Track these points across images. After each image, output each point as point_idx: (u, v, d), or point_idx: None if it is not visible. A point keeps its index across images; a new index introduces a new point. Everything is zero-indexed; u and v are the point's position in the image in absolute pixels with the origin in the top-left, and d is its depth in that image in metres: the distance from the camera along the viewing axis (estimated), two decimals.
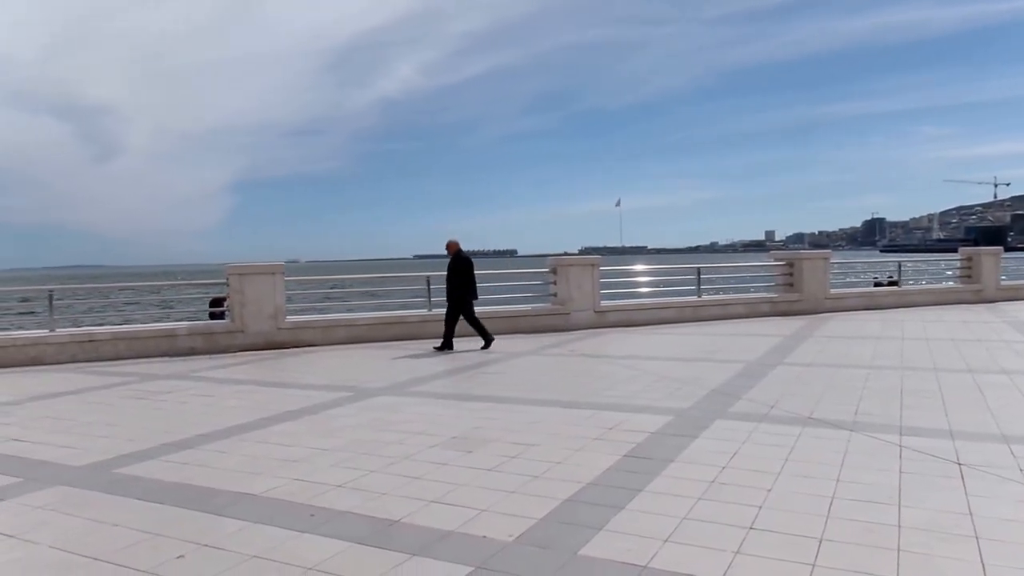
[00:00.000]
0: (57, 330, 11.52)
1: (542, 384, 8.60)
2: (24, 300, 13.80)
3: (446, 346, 11.78)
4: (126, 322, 14.33)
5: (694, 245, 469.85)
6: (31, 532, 4.27)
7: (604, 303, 14.68)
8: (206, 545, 4.00)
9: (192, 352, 11.87)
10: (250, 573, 3.64)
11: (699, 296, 15.87)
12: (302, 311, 13.45)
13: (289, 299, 12.90)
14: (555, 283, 14.50)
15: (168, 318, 14.47)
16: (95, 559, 3.86)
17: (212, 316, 15.11)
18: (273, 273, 12.57)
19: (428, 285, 14.06)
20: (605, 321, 14.42)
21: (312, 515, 4.40)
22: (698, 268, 16.47)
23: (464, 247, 12.13)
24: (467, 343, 11.88)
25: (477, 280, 11.94)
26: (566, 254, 21.21)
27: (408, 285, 16.92)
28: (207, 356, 11.68)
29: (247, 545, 3.97)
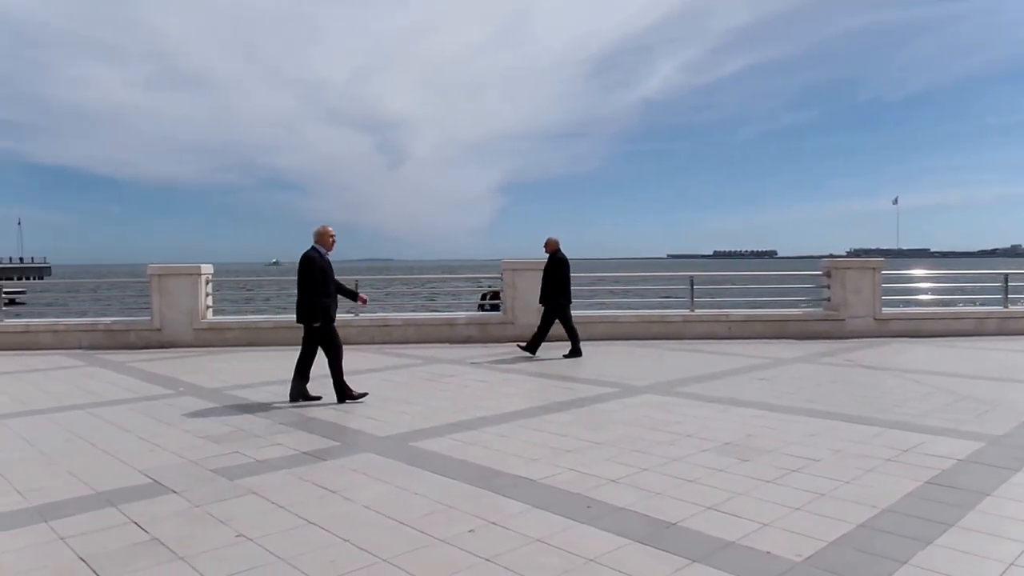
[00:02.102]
0: (360, 315, 13.00)
1: (818, 394, 8.05)
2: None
3: (531, 348, 11.23)
4: (413, 310, 15.74)
5: (990, 248, 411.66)
6: (349, 491, 4.85)
7: (885, 310, 13.39)
8: (493, 523, 4.26)
9: (468, 340, 12.77)
10: (534, 555, 3.81)
11: (1006, 307, 13.88)
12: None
13: None
14: (828, 287, 13.50)
15: (446, 308, 15.75)
16: (401, 523, 4.28)
17: (481, 308, 16.15)
18: (541, 270, 13.09)
19: (691, 285, 13.82)
20: (886, 330, 13.14)
21: (589, 507, 4.51)
22: (1005, 274, 14.42)
23: (720, 247, 12.00)
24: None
25: (740, 281, 11.39)
26: (832, 256, 19.69)
27: (668, 284, 16.80)
28: (481, 344, 12.48)
29: (529, 528, 4.17)
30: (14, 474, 5.28)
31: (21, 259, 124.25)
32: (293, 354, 8.07)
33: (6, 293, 14.80)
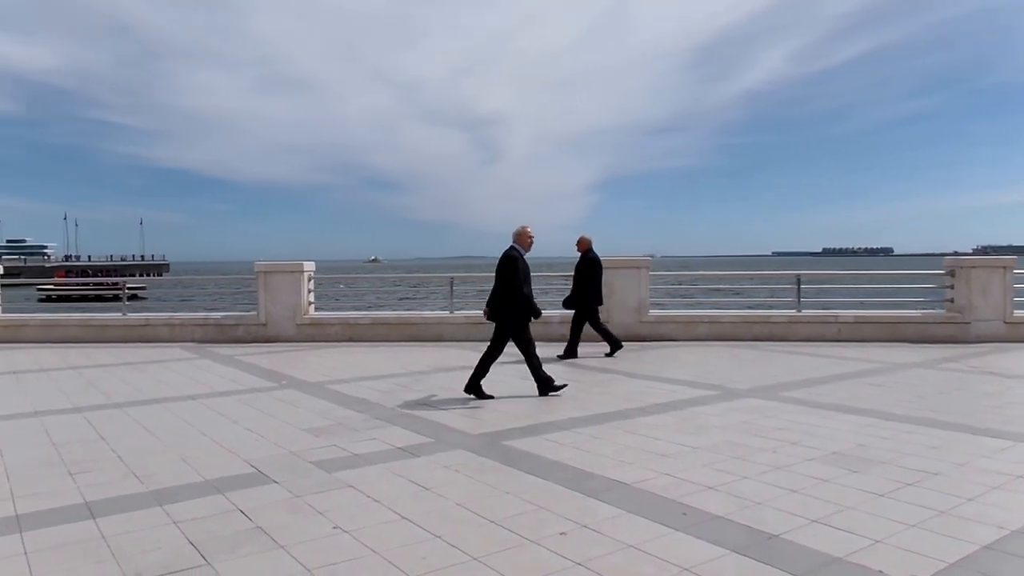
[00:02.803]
0: (455, 312, 13.15)
1: (939, 403, 7.54)
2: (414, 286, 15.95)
3: (569, 354, 10.90)
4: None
5: None
6: (441, 488, 4.88)
7: (1018, 313, 12.43)
8: (585, 526, 4.18)
9: (563, 339, 12.63)
10: (627, 562, 3.71)
11: None
12: (656, 305, 13.58)
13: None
14: (951, 287, 12.66)
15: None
16: (491, 521, 4.26)
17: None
18: (639, 267, 12.90)
19: (798, 284, 13.26)
20: (1019, 335, 12.20)
21: (684, 514, 4.36)
22: None
23: (829, 244, 11.45)
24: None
25: (851, 280, 10.83)
26: (956, 254, 18.48)
27: (772, 283, 16.20)
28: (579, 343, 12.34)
29: (622, 533, 4.07)
30: (133, 460, 5.58)
31: (143, 256, 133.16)
32: (390, 350, 8.23)
33: (129, 288, 15.84)
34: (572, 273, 11.36)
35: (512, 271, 7.92)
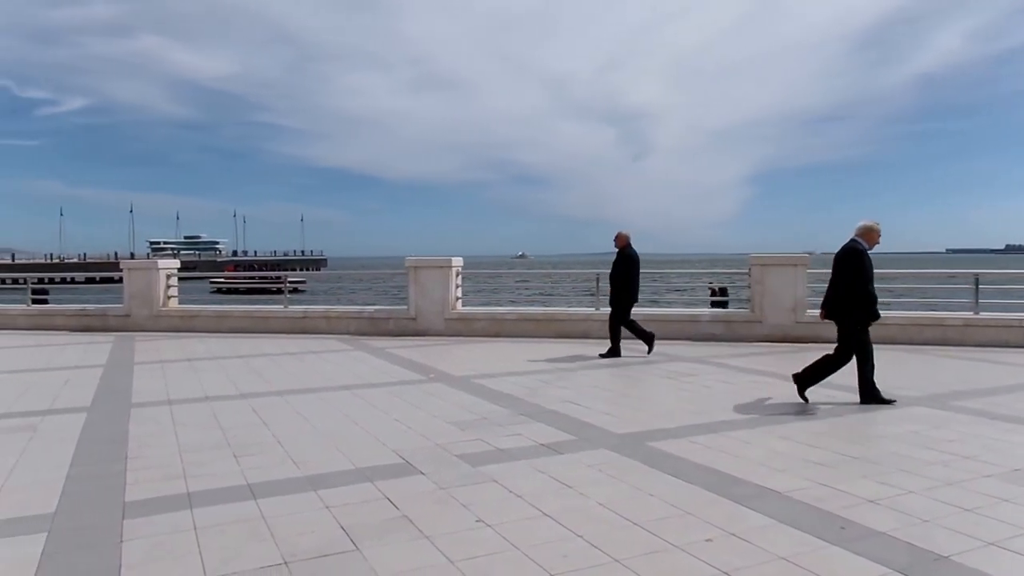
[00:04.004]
0: (601, 309, 13.05)
1: None
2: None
3: (612, 353, 10.47)
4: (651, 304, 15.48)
5: None
6: (584, 486, 4.84)
7: None
8: (733, 534, 4.01)
9: (712, 338, 12.28)
10: (778, 575, 3.52)
11: None
12: (813, 305, 12.83)
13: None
14: None
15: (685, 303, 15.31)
16: (634, 524, 4.18)
17: (714, 304, 15.57)
18: (795, 265, 12.25)
19: (976, 284, 12.14)
20: None
21: (842, 528, 4.09)
22: None
23: (1013, 241, 10.22)
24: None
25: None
26: None
27: (946, 283, 14.97)
28: (726, 343, 11.94)
29: (773, 544, 3.87)
30: (291, 445, 5.94)
31: (302, 252, 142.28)
32: (535, 345, 8.26)
33: (290, 282, 16.94)
34: (719, 271, 11.00)
35: (858, 266, 7.21)
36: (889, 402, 7.27)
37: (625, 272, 10.57)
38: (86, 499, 4.73)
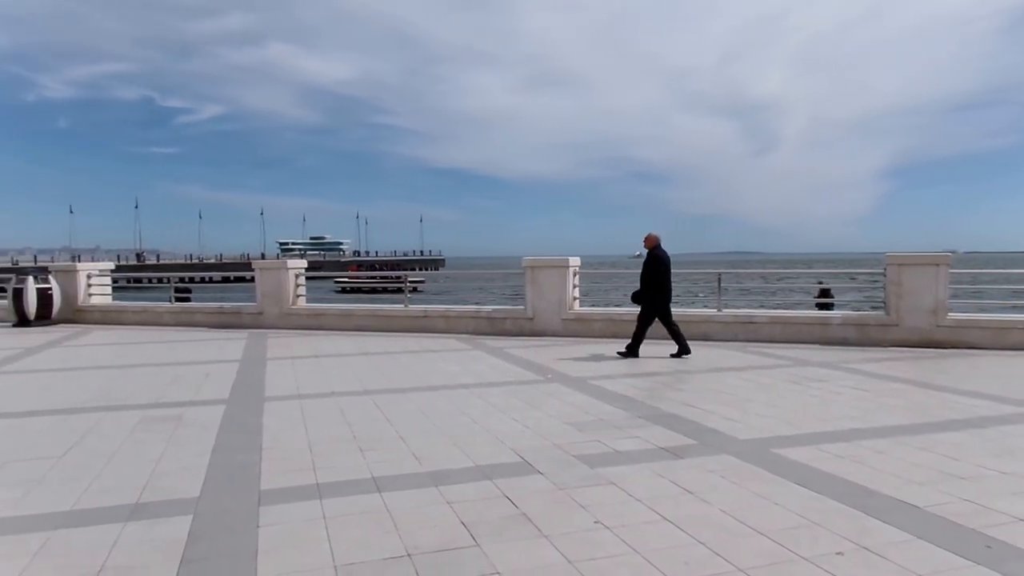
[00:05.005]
0: (724, 310, 12.72)
1: None
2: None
3: (631, 352, 10.62)
4: (779, 307, 14.92)
5: None
6: (706, 493, 4.73)
7: None
8: (865, 548, 3.82)
9: (844, 342, 11.68)
10: None
11: None
12: (961, 308, 11.98)
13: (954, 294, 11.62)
14: None
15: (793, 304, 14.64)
16: (757, 532, 4.05)
17: (819, 307, 14.82)
18: (936, 264, 11.45)
19: None
20: None
21: (988, 547, 3.81)
22: None
23: None
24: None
25: None
26: None
27: None
28: (858, 348, 11.32)
29: (910, 561, 3.65)
30: (413, 441, 6.12)
31: (421, 252, 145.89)
32: (653, 347, 8.13)
33: (410, 282, 17.42)
34: (854, 270, 10.48)
35: None
36: None
37: (654, 272, 10.63)
38: (226, 486, 5.05)
